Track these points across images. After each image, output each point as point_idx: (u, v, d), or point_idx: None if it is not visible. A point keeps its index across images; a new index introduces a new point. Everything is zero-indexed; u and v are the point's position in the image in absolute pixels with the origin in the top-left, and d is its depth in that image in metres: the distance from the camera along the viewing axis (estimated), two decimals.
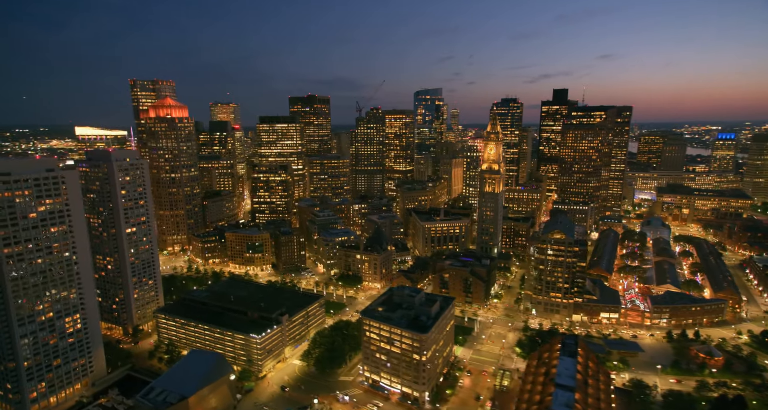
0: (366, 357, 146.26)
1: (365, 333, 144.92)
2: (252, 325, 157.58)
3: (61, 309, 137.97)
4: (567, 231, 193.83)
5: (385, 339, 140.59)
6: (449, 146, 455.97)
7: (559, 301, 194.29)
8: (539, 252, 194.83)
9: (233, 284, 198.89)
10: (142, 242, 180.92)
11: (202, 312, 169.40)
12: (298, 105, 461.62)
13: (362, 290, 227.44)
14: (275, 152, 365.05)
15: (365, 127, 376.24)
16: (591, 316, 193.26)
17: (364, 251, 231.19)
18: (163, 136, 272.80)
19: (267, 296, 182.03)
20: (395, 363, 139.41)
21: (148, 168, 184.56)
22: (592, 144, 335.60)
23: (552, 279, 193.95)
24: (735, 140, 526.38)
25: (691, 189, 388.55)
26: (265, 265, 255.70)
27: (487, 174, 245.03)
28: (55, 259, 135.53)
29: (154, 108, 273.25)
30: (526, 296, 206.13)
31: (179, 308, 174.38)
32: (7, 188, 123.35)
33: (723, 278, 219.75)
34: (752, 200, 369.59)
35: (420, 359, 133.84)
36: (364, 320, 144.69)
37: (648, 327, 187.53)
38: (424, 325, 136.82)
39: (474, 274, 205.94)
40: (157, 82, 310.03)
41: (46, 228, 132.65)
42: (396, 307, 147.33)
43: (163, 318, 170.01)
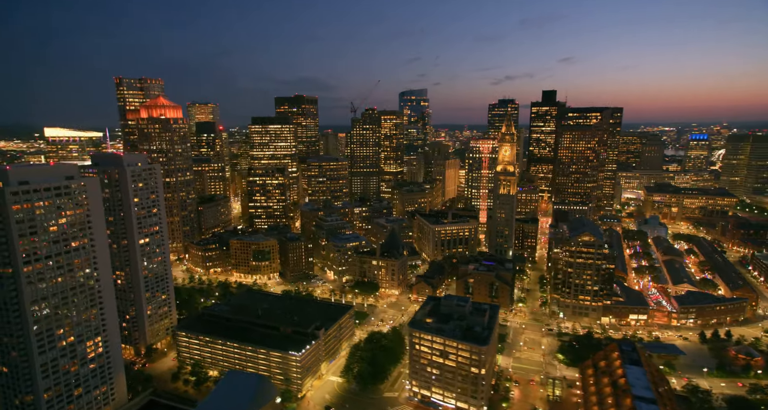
0: (414, 371, 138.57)
1: (415, 347, 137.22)
2: (286, 341, 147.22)
3: (82, 332, 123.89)
4: (595, 234, 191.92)
5: (437, 352, 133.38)
6: (441, 147, 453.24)
7: (588, 304, 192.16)
8: (569, 255, 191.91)
9: (251, 297, 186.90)
10: (155, 254, 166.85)
11: (226, 328, 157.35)
12: (285, 105, 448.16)
13: (380, 298, 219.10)
14: (268, 154, 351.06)
15: (361, 128, 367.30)
16: (620, 318, 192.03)
17: (380, 257, 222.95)
18: (157, 137, 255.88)
19: (292, 308, 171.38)
20: (449, 377, 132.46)
21: (161, 173, 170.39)
22: (589, 145, 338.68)
23: (580, 282, 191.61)
24: (708, 141, 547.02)
25: (679, 188, 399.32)
26: (272, 273, 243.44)
27: (503, 176, 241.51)
28: (76, 277, 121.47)
29: (147, 108, 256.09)
30: (552, 300, 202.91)
31: (199, 324, 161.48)
32: (27, 199, 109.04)
33: (737, 276, 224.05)
34: (737, 199, 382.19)
35: (479, 372, 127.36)
36: (414, 332, 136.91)
37: (677, 328, 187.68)
38: (481, 336, 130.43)
39: (500, 278, 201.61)
40: (146, 80, 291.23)
41: (67, 243, 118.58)
42: (446, 318, 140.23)
43: (184, 335, 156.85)
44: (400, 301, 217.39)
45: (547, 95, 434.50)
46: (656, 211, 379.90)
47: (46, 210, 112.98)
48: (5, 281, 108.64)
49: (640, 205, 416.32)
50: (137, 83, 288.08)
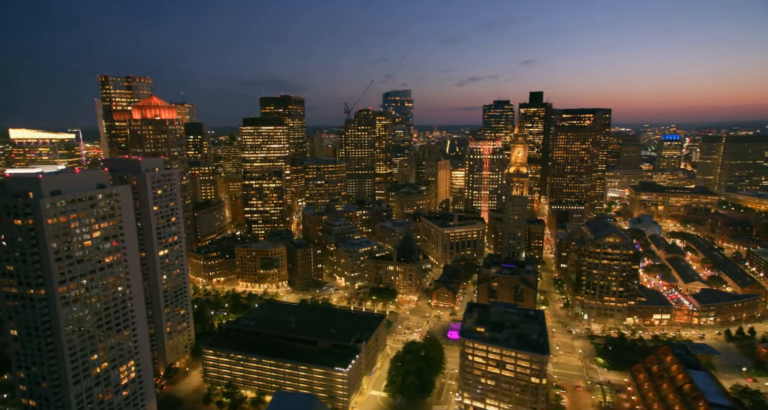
0: (466, 382, 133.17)
1: (467, 357, 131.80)
2: (326, 356, 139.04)
3: (115, 357, 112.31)
4: (618, 234, 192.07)
5: (493, 363, 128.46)
6: (431, 148, 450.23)
7: (613, 305, 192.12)
8: (595, 256, 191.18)
9: (273, 308, 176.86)
10: (173, 266, 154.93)
11: (256, 343, 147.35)
12: (271, 106, 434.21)
13: (399, 305, 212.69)
14: (260, 157, 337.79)
15: (356, 129, 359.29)
16: (644, 318, 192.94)
17: (397, 262, 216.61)
18: (151, 140, 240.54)
19: (322, 319, 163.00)
20: (506, 387, 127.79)
21: (178, 179, 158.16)
22: (583, 146, 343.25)
23: (605, 283, 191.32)
24: (680, 141, 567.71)
25: (664, 187, 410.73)
26: (281, 282, 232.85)
27: (515, 177, 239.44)
28: (110, 296, 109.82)
29: (140, 108, 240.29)
30: (575, 301, 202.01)
31: (226, 340, 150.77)
32: (62, 211, 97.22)
33: (742, 273, 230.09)
34: (718, 197, 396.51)
35: (540, 382, 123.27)
36: (467, 342, 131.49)
37: (699, 327, 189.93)
38: (538, 344, 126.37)
39: (524, 281, 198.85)
40: (134, 79, 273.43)
41: (101, 259, 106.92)
42: (497, 326, 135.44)
43: (212, 353, 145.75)
44: (420, 307, 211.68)
45: (535, 96, 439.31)
46: (644, 209, 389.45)
47: (80, 223, 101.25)
48: (37, 303, 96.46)
49: (627, 204, 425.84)
50: (124, 82, 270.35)
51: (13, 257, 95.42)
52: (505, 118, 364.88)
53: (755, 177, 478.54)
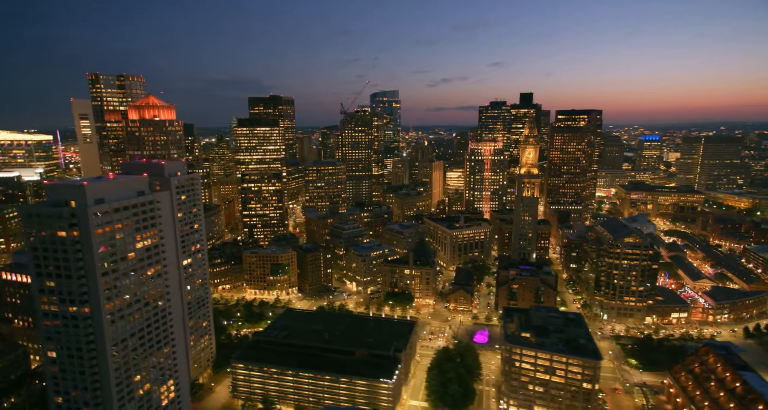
0: (512, 389, 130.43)
1: (514, 364, 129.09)
2: (365, 366, 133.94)
3: (157, 377, 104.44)
4: (638, 235, 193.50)
5: (542, 369, 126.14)
6: (424, 149, 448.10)
7: (633, 304, 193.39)
8: (614, 257, 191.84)
9: (297, 317, 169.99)
10: (196, 276, 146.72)
11: (289, 355, 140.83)
12: (260, 106, 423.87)
13: (416, 309, 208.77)
14: (256, 159, 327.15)
15: (353, 130, 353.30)
16: (662, 317, 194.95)
17: (413, 266, 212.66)
18: (150, 142, 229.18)
19: (351, 327, 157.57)
20: (555, 393, 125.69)
21: (199, 183, 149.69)
22: (579, 146, 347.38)
23: (625, 283, 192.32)
24: (660, 142, 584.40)
25: (652, 186, 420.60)
26: (291, 288, 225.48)
27: (527, 179, 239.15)
28: (152, 311, 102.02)
29: (137, 108, 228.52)
30: (593, 301, 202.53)
31: (257, 353, 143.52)
32: (107, 221, 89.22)
33: (746, 270, 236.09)
34: (704, 195, 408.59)
35: (592, 388, 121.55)
36: (514, 349, 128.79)
37: (715, 324, 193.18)
38: (588, 349, 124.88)
39: (544, 283, 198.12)
40: (127, 77, 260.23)
41: (144, 271, 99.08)
42: (542, 330, 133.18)
43: (243, 367, 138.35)
44: (439, 311, 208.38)
45: (525, 98, 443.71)
46: (634, 208, 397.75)
47: (125, 233, 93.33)
48: (81, 322, 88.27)
49: (616, 203, 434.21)
50: (116, 81, 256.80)
51: (56, 273, 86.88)
52: (502, 119, 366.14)
53: (732, 176, 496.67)
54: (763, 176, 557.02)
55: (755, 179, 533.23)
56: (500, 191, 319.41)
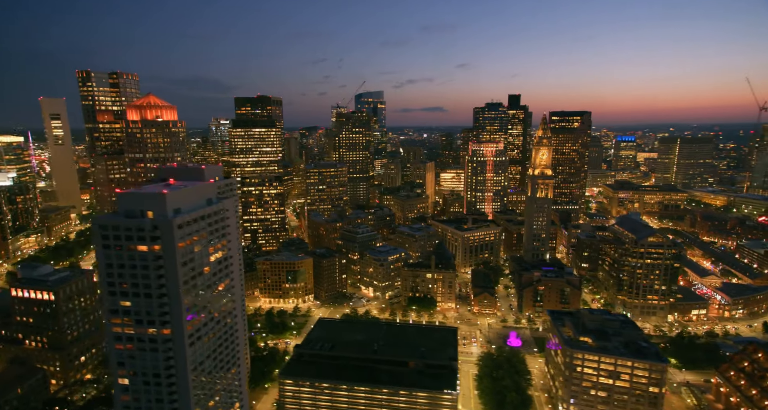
0: (573, 395, 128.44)
1: (575, 369, 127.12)
2: (422, 377, 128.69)
3: (226, 400, 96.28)
4: (660, 235, 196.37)
5: (605, 373, 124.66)
6: (416, 150, 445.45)
7: (656, 303, 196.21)
8: (638, 256, 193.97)
9: (332, 327, 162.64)
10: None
11: (338, 368, 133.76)
12: (247, 106, 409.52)
13: (439, 313, 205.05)
14: (252, 161, 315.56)
15: (350, 131, 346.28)
16: (683, 315, 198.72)
17: (435, 269, 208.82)
18: (151, 144, 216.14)
19: (393, 336, 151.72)
20: (618, 398, 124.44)
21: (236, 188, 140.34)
22: (574, 147, 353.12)
23: (648, 282, 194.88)
24: (635, 142, 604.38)
25: (638, 185, 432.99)
26: (307, 296, 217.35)
27: (541, 180, 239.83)
28: (222, 329, 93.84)
29: (138, 109, 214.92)
30: (615, 300, 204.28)
31: (302, 367, 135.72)
32: (188, 233, 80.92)
33: (747, 266, 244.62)
34: (687, 194, 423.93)
35: (659, 391, 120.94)
36: (576, 353, 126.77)
37: (731, 320, 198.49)
38: (651, 351, 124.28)
39: (569, 283, 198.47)
40: (120, 75, 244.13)
41: (216, 287, 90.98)
42: (601, 334, 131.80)
43: (292, 383, 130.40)
44: (463, 315, 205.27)
45: (513, 99, 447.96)
46: (621, 207, 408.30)
47: (202, 246, 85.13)
48: (161, 345, 79.70)
49: (603, 202, 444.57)
50: (109, 79, 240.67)
51: (133, 292, 77.95)
52: (499, 120, 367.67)
53: (706, 175, 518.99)
54: (726, 174, 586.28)
55: (723, 177, 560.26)
56: (502, 192, 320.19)
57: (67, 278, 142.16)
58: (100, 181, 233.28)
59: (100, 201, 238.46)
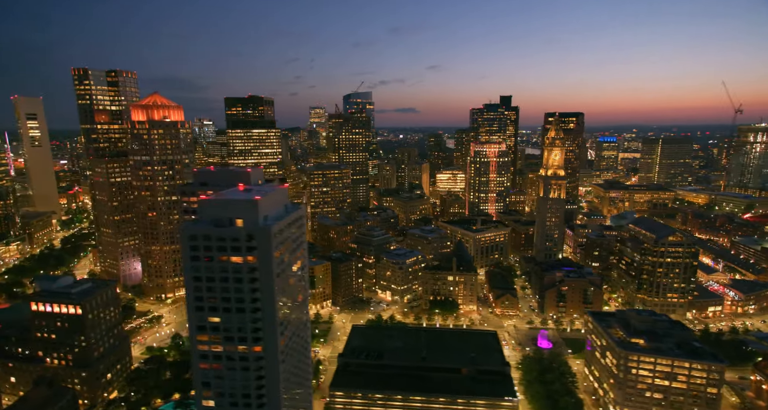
0: (627, 397, 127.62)
1: (630, 371, 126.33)
2: (477, 383, 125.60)
3: None
4: (680, 234, 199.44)
5: (661, 375, 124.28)
6: (411, 151, 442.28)
7: (676, 301, 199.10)
8: (658, 255, 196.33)
9: (368, 335, 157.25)
10: None
11: (388, 377, 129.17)
12: (238, 107, 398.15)
13: (461, 316, 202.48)
14: (251, 163, 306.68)
15: (350, 132, 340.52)
16: (700, 311, 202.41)
17: (457, 272, 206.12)
18: (159, 146, 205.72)
19: (435, 342, 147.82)
20: (675, 399, 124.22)
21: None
22: (571, 148, 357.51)
23: (668, 281, 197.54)
24: (617, 143, 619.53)
25: (627, 185, 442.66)
26: (325, 301, 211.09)
27: (554, 180, 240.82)
28: (299, 343, 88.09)
29: (145, 109, 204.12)
30: (635, 299, 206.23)
31: (350, 377, 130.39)
32: (280, 241, 75.10)
33: (748, 262, 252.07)
34: (674, 193, 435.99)
35: (718, 392, 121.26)
36: (630, 355, 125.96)
37: (745, 316, 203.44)
38: (706, 352, 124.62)
39: (592, 283, 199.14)
40: (120, 73, 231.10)
41: (296, 298, 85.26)
42: (653, 335, 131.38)
43: (343, 395, 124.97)
44: (486, 317, 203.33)
45: (505, 100, 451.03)
46: (612, 206, 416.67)
47: (288, 255, 79.42)
48: (252, 363, 73.78)
49: (593, 201, 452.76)
50: (108, 77, 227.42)
51: (223, 307, 71.68)
52: (498, 121, 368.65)
53: (686, 174, 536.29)
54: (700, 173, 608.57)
55: (699, 177, 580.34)
56: (504, 192, 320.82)
57: (92, 290, 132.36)
58: (100, 185, 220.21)
59: (100, 206, 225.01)
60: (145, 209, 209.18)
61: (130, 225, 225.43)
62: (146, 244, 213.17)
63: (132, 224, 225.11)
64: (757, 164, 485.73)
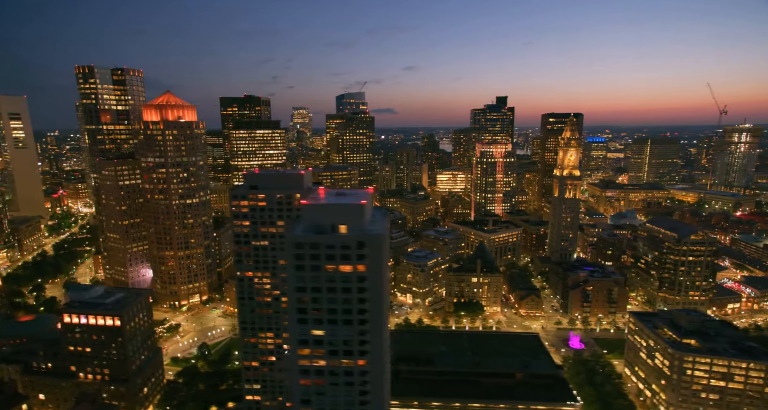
0: (683, 398, 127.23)
1: (685, 372, 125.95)
2: (533, 388, 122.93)
3: None
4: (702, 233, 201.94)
5: (718, 375, 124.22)
6: (409, 151, 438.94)
7: (697, 299, 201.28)
8: (681, 254, 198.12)
9: (407, 340, 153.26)
10: None
11: (441, 384, 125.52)
12: (234, 107, 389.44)
13: (487, 318, 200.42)
14: (255, 164, 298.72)
15: (354, 133, 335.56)
16: (720, 309, 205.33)
17: (481, 273, 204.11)
18: (173, 148, 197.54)
19: (478, 346, 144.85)
20: (731, 400, 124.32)
21: None
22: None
23: (690, 279, 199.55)
24: (606, 143, 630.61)
25: (623, 185, 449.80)
26: None
27: (569, 180, 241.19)
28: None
29: (159, 109, 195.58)
30: (656, 298, 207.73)
31: (404, 385, 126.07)
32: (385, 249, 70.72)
33: (753, 259, 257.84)
34: (668, 192, 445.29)
35: None
36: (685, 357, 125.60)
37: (763, 312, 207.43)
38: (762, 351, 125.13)
39: (617, 284, 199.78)
40: (127, 71, 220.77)
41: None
42: (705, 335, 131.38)
43: (399, 404, 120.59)
44: (511, 319, 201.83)
45: (501, 101, 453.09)
46: (608, 205, 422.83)
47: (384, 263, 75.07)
48: (357, 378, 69.49)
49: (590, 200, 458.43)
50: (114, 75, 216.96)
51: (329, 319, 67.11)
52: (501, 121, 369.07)
53: (673, 173, 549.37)
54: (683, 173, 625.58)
55: (684, 176, 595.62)
56: (511, 193, 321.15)
57: (127, 301, 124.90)
58: (107, 188, 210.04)
59: (106, 210, 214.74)
60: (159, 213, 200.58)
61: (138, 230, 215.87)
62: (159, 249, 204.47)
63: (141, 229, 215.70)
64: (741, 163, 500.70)
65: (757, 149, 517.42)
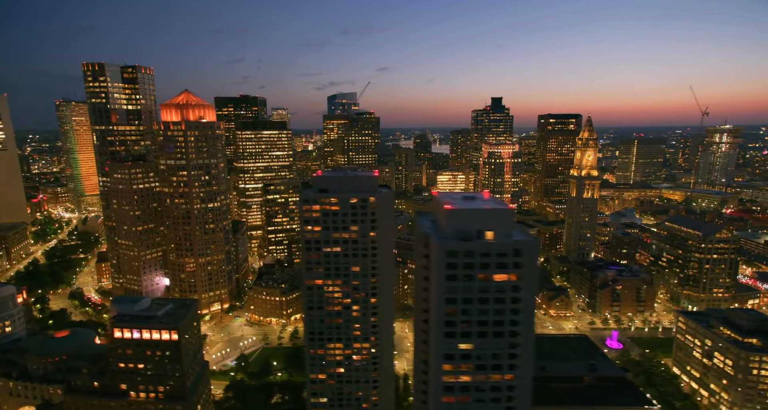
0: (749, 398, 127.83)
1: (752, 372, 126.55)
2: (603, 392, 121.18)
3: None
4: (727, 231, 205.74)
5: None
6: (408, 152, 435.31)
7: (721, 295, 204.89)
8: (706, 252, 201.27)
9: None
10: None
11: None
12: (229, 107, 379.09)
13: None
14: (261, 166, 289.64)
15: (359, 133, 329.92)
16: (741, 304, 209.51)
17: None
18: (194, 149, 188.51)
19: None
20: None
21: None
22: (572, 148, 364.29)
23: (713, 277, 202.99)
24: None
25: (615, 184, 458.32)
26: None
27: (587, 180, 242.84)
28: None
29: (179, 108, 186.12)
30: (680, 295, 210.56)
31: None
32: None
33: (760, 255, 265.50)
34: (660, 191, 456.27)
35: None
36: (752, 356, 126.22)
37: None
38: None
39: (645, 282, 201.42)
40: (139, 68, 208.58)
41: None
42: (763, 334, 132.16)
43: None
44: (541, 319, 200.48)
45: (496, 102, 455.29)
46: (603, 204, 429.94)
47: None
48: (503, 393, 65.37)
49: None
50: (126, 73, 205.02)
51: (478, 332, 62.84)
52: (504, 122, 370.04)
53: (658, 173, 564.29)
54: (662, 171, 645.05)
55: (667, 175, 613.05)
56: (519, 193, 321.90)
57: (177, 312, 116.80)
58: (120, 192, 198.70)
59: (119, 216, 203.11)
60: (179, 218, 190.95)
61: (152, 236, 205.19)
62: (178, 256, 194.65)
63: (155, 235, 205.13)
64: (723, 162, 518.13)
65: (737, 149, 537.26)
